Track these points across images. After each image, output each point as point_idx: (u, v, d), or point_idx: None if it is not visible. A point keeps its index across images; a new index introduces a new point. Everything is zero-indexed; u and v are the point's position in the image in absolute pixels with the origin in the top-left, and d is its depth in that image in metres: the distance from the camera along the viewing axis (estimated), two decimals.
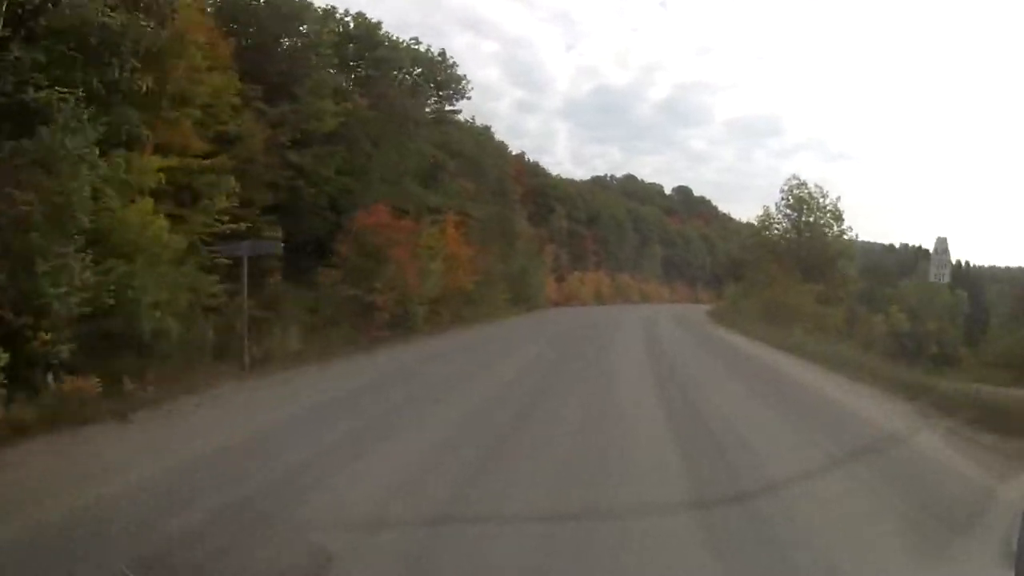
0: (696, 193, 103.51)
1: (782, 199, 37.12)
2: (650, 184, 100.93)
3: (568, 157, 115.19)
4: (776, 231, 37.51)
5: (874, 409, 11.30)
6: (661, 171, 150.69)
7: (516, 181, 54.75)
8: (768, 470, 7.23)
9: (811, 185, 37.05)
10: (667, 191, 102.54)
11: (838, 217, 36.70)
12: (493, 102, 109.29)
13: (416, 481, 6.45)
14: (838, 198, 36.73)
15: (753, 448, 8.28)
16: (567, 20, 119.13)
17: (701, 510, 5.78)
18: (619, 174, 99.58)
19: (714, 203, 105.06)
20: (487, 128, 41.47)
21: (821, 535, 5.23)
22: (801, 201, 36.67)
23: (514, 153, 61.35)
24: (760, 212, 38.34)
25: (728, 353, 21.26)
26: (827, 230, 36.87)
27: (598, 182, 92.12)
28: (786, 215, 36.96)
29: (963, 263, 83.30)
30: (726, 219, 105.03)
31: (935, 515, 5.89)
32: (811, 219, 36.70)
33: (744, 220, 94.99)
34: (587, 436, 8.59)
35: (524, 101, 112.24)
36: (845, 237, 36.91)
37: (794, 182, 37.19)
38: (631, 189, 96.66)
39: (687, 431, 9.18)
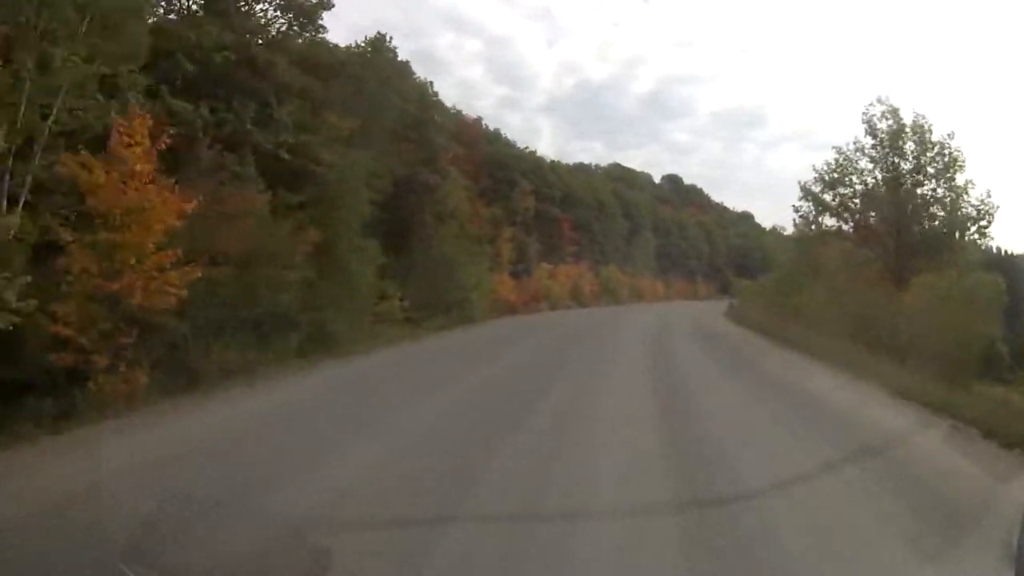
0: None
1: (867, 132, 21.77)
2: (639, 172, 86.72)
3: (553, 153, 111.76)
4: (858, 187, 21.98)
5: None
6: (647, 164, 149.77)
7: (462, 143, 40.00)
8: None
9: (907, 115, 21.91)
10: (656, 180, 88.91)
11: (955, 164, 21.62)
12: (477, 100, 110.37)
13: None
14: (950, 134, 21.64)
15: None
16: (549, 16, 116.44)
17: None
18: (604, 164, 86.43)
19: (706, 192, 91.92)
20: (381, 38, 25.78)
21: None
22: (897, 138, 21.55)
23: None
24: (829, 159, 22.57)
25: None
26: (936, 183, 21.72)
27: (582, 168, 77.58)
28: (873, 159, 21.53)
29: (994, 248, 69.59)
30: (721, 208, 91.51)
31: None
32: (910, 165, 21.54)
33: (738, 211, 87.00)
34: None
35: (508, 98, 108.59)
36: (972, 196, 21.41)
37: (879, 108, 21.98)
38: (617, 175, 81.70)
39: None
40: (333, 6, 20.89)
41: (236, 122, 16.82)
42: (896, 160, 21.27)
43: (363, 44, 25.78)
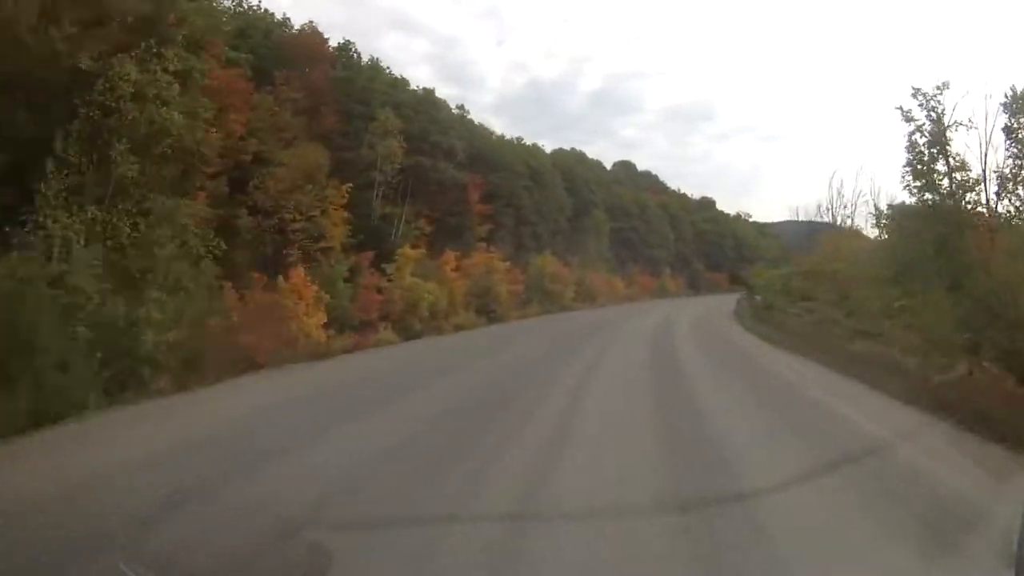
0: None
1: None
2: (590, 159, 70.17)
3: None
4: None
5: None
6: (597, 158, 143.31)
7: (298, 64, 22.72)
8: None
9: None
10: (608, 167, 72.74)
11: None
12: None
13: None
14: None
15: None
16: (496, 15, 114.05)
17: None
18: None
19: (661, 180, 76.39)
20: None
21: None
22: None
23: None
24: None
25: None
26: None
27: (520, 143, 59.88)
28: None
29: None
30: (679, 195, 75.09)
31: None
32: None
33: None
34: None
35: (457, 98, 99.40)
36: None
37: None
38: (564, 155, 64.30)
39: None
40: None
41: None
42: None
43: None
